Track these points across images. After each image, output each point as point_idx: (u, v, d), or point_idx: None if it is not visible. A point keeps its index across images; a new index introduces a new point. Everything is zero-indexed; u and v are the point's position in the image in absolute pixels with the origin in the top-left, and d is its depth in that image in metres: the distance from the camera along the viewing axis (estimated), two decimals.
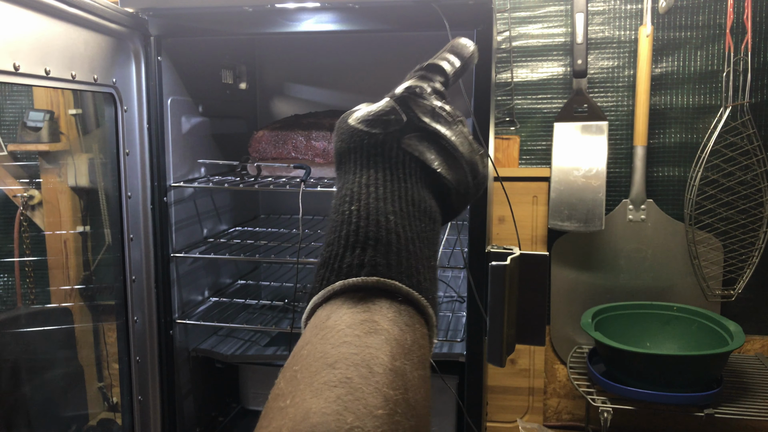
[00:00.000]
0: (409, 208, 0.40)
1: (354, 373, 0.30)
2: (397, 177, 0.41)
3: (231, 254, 1.41)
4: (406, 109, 0.44)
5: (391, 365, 0.31)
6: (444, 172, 0.43)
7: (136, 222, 1.24)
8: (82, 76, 1.06)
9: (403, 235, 0.38)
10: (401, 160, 0.42)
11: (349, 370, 0.31)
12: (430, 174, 0.42)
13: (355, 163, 0.42)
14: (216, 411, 1.55)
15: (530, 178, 1.71)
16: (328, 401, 0.29)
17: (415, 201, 0.40)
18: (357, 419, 0.28)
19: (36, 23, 0.95)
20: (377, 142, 0.42)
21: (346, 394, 0.29)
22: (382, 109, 0.43)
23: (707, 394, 1.39)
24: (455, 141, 0.44)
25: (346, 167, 0.43)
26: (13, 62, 0.90)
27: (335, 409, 0.28)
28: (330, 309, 0.35)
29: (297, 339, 0.37)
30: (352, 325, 0.33)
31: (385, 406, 0.29)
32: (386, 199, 0.39)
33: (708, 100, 1.66)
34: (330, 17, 1.15)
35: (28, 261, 1.89)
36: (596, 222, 1.63)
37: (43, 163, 1.84)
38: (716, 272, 1.67)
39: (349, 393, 0.29)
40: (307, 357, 0.32)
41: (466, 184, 0.45)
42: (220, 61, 1.52)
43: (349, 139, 0.43)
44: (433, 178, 0.42)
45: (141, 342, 1.27)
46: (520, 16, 1.71)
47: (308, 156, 1.39)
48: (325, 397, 0.29)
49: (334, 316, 0.34)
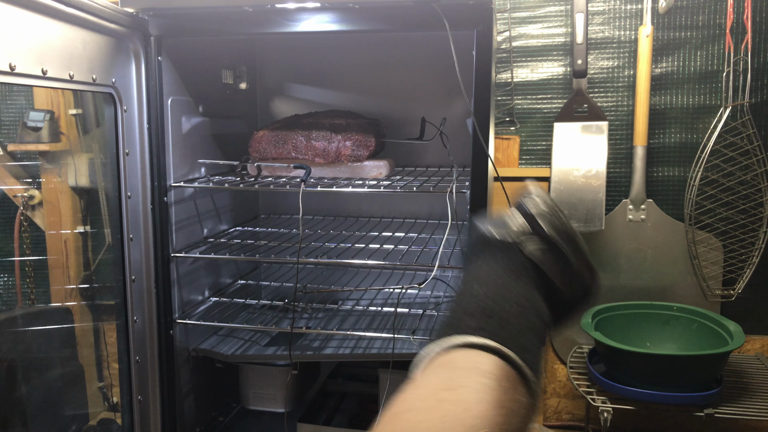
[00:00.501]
0: (523, 302, 0.47)
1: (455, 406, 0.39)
2: (518, 276, 0.49)
3: (231, 254, 1.41)
4: (532, 221, 0.51)
5: (492, 412, 0.39)
6: (559, 282, 0.50)
7: (136, 222, 1.24)
8: (81, 76, 1.06)
9: (515, 321, 0.45)
10: (523, 264, 0.49)
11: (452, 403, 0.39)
12: (546, 281, 0.50)
13: (485, 257, 0.51)
14: (216, 411, 1.55)
15: (530, 178, 1.71)
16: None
17: (528, 299, 0.48)
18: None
19: (33, 23, 0.95)
20: (505, 246, 0.50)
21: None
22: (514, 219, 0.52)
23: (707, 394, 1.39)
24: (572, 259, 0.51)
25: (476, 257, 0.52)
26: (9, 62, 0.90)
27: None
28: (447, 358, 0.44)
29: (297, 339, 0.42)
30: (462, 373, 0.42)
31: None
32: (508, 291, 0.47)
33: (708, 100, 1.66)
34: (330, 17, 1.15)
35: (28, 261, 1.89)
36: (596, 222, 1.63)
37: (43, 163, 1.84)
38: (716, 272, 1.67)
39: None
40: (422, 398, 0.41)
41: (577, 297, 0.52)
42: (221, 61, 1.52)
43: (482, 237, 0.52)
44: (547, 285, 0.50)
45: (141, 342, 1.27)
46: (520, 16, 1.71)
47: (308, 156, 1.39)
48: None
49: (449, 363, 0.43)
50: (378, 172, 1.40)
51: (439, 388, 0.40)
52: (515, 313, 0.46)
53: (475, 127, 1.10)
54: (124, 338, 1.26)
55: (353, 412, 1.60)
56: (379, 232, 1.57)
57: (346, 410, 1.60)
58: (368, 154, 1.37)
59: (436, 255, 1.26)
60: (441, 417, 0.37)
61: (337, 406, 1.61)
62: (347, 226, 1.63)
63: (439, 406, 0.38)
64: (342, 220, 1.69)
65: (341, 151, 1.37)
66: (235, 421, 1.57)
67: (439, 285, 1.65)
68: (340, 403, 1.63)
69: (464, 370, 0.42)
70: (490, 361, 0.42)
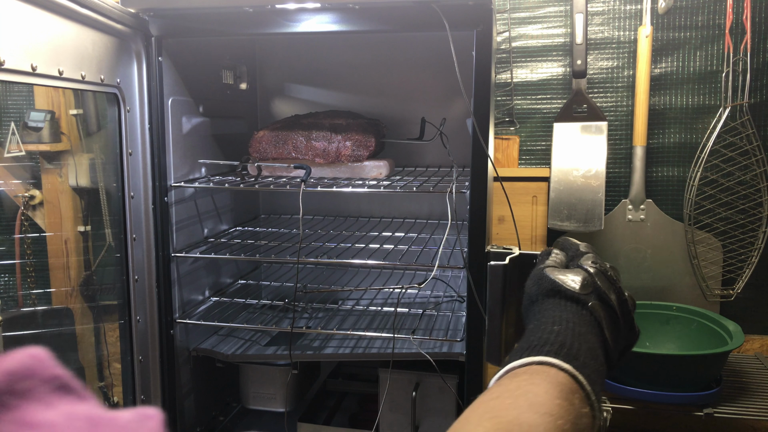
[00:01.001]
0: (591, 344, 0.57)
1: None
2: (584, 324, 0.58)
3: (231, 254, 1.42)
4: (593, 281, 0.62)
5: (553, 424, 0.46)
6: (609, 338, 0.59)
7: (138, 222, 1.25)
8: (91, 76, 1.07)
9: (583, 357, 0.54)
10: (587, 317, 0.59)
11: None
12: (602, 334, 0.59)
13: (557, 302, 0.61)
14: (216, 410, 1.55)
15: (530, 178, 1.72)
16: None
17: (593, 343, 0.57)
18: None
19: (50, 23, 0.96)
20: (573, 298, 0.61)
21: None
22: (585, 277, 0.63)
23: (706, 394, 1.39)
24: (622, 321, 0.62)
25: (545, 299, 0.62)
26: (31, 62, 0.90)
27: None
28: (530, 369, 0.52)
29: (297, 338, 0.44)
30: (540, 386, 0.50)
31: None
32: (579, 334, 0.56)
33: (707, 100, 1.66)
34: (330, 18, 1.15)
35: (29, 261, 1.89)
36: (596, 222, 1.64)
37: (44, 163, 1.84)
38: (715, 272, 1.68)
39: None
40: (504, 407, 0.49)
41: (618, 350, 0.62)
42: (221, 61, 1.52)
43: (554, 285, 0.62)
44: (602, 337, 0.59)
45: (143, 341, 1.28)
46: (520, 16, 1.71)
47: (308, 156, 1.40)
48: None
49: (529, 379, 0.51)
50: (378, 172, 1.40)
51: (521, 386, 0.50)
52: (584, 351, 0.55)
53: (475, 127, 1.10)
54: (126, 338, 1.27)
55: (353, 411, 1.60)
56: (379, 232, 1.57)
57: (346, 410, 1.61)
58: (368, 154, 1.38)
59: (436, 255, 1.27)
60: (524, 404, 0.46)
61: (338, 406, 1.61)
62: (347, 226, 1.63)
63: (522, 398, 0.47)
64: (342, 220, 1.69)
65: (341, 151, 1.38)
66: (236, 421, 1.57)
67: (439, 285, 1.65)
68: (341, 402, 1.64)
69: (543, 380, 0.50)
70: (566, 378, 0.51)
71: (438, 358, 1.26)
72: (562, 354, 0.53)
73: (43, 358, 0.27)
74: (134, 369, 1.27)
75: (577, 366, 0.52)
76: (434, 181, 1.37)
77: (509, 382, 0.51)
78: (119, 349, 1.35)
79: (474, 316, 1.16)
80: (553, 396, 0.48)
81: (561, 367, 0.51)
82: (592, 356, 0.55)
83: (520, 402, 0.47)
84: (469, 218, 1.15)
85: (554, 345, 0.54)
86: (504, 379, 0.52)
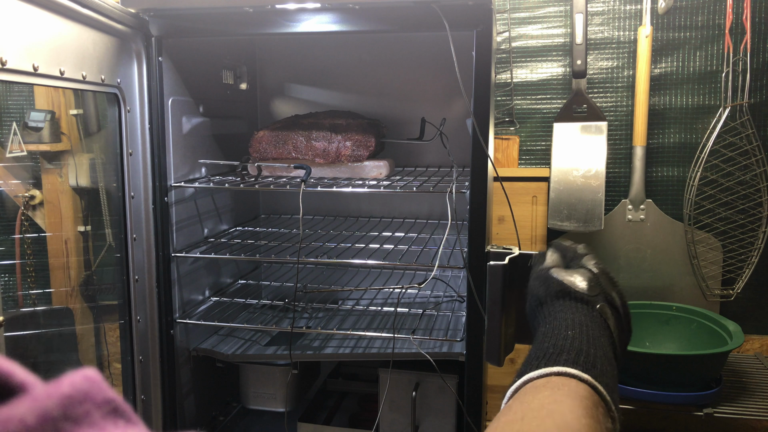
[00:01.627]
0: (605, 348, 0.57)
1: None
2: (595, 327, 0.59)
3: (231, 254, 1.42)
4: (598, 282, 0.63)
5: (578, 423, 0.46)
6: (616, 337, 0.60)
7: (138, 222, 1.25)
8: (92, 76, 1.07)
9: (599, 363, 0.53)
10: (598, 319, 0.60)
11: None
12: (611, 336, 0.60)
13: (567, 304, 0.61)
14: (216, 410, 1.55)
15: (530, 178, 1.72)
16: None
17: (604, 347, 0.57)
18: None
19: (51, 24, 0.96)
20: (584, 300, 0.61)
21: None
22: (591, 278, 0.64)
23: (706, 394, 1.39)
24: (624, 321, 0.64)
25: (558, 305, 0.62)
26: (33, 63, 0.91)
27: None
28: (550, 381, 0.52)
29: (297, 338, 0.43)
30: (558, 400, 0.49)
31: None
32: (594, 338, 0.56)
33: (707, 100, 1.66)
34: (330, 18, 1.15)
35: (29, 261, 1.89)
36: (595, 222, 1.64)
37: (44, 163, 1.84)
38: (715, 272, 1.68)
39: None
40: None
41: (624, 344, 0.64)
42: (221, 61, 1.52)
43: (563, 288, 0.63)
44: (611, 339, 0.60)
45: (143, 341, 1.28)
46: (520, 16, 1.71)
47: (308, 156, 1.40)
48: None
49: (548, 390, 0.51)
50: (378, 172, 1.40)
51: (545, 405, 0.48)
52: (600, 356, 0.54)
53: (475, 127, 1.10)
54: (127, 338, 1.27)
55: (353, 411, 1.60)
56: (379, 232, 1.57)
57: (346, 410, 1.61)
58: (368, 154, 1.38)
59: (435, 255, 1.27)
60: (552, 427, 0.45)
61: (338, 406, 1.62)
62: (347, 226, 1.63)
63: (548, 419, 0.46)
64: (342, 220, 1.69)
65: (341, 151, 1.38)
66: (236, 421, 1.57)
67: (439, 285, 1.65)
68: (341, 402, 1.64)
69: (567, 396, 0.49)
70: (587, 390, 0.50)
71: (438, 358, 1.26)
72: (580, 362, 0.52)
73: (97, 380, 0.26)
74: (134, 369, 1.27)
75: (596, 375, 0.51)
76: (434, 181, 1.37)
77: (531, 400, 0.49)
78: (119, 349, 1.35)
79: (474, 315, 1.16)
80: (579, 415, 0.47)
81: (582, 378, 0.51)
82: (608, 361, 0.55)
83: (547, 424, 0.46)
84: (469, 218, 1.15)
85: (571, 353, 0.53)
86: (525, 395, 0.51)
